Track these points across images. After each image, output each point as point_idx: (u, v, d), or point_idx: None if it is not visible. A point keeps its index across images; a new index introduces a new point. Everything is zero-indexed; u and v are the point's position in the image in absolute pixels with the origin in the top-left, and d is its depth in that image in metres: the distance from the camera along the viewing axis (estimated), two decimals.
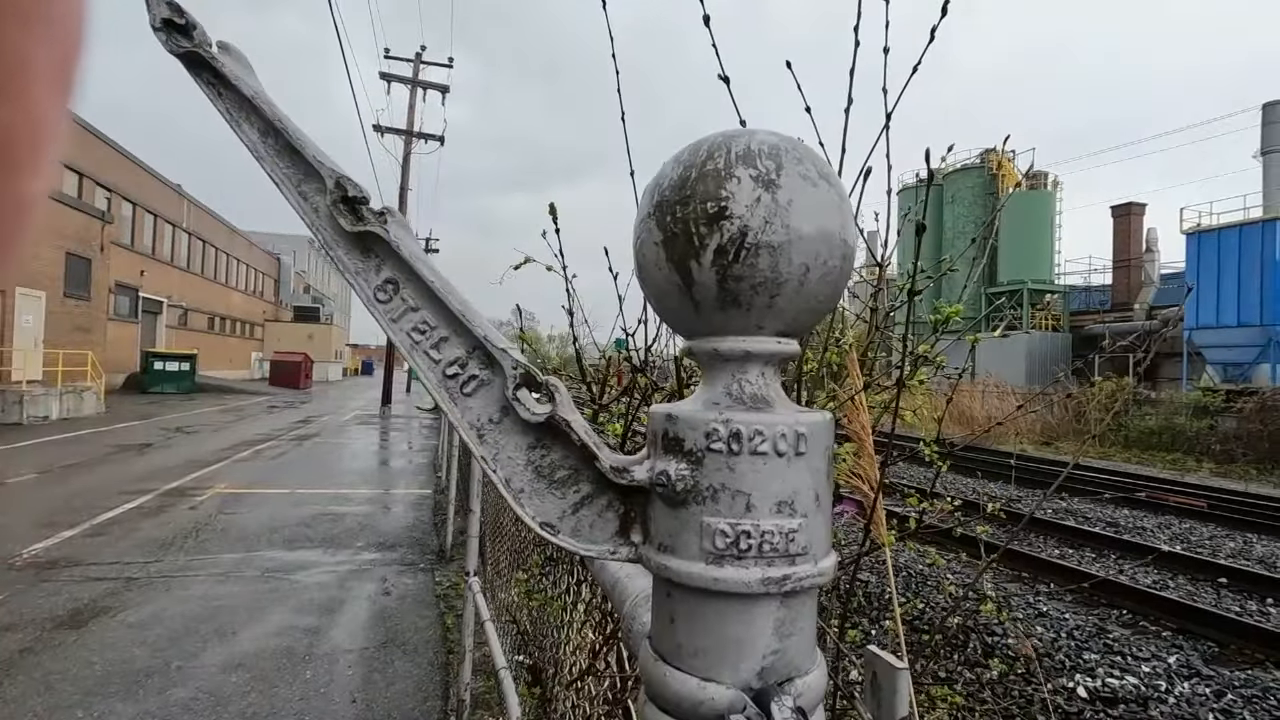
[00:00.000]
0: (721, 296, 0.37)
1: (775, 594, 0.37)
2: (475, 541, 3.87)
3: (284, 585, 5.74)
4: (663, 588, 0.39)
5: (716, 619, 0.37)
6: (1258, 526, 9.32)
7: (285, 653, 4.42)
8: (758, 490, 0.37)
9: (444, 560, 6.64)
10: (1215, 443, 17.38)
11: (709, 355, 0.40)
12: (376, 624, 5.01)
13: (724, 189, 0.36)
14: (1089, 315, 33.24)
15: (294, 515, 8.13)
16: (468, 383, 0.42)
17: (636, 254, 0.41)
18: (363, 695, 3.92)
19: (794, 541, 0.37)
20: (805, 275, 0.37)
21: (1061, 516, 9.77)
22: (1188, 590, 6.55)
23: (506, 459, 0.41)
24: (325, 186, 0.41)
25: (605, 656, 0.93)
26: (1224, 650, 5.19)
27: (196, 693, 3.85)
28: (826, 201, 0.37)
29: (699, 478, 0.37)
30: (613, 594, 0.63)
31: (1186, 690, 4.48)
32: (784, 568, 0.37)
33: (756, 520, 0.37)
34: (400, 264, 0.42)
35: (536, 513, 0.41)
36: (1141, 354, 27.58)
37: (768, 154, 0.36)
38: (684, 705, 0.36)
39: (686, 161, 0.38)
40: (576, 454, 0.41)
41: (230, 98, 0.42)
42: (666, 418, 0.39)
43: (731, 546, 0.37)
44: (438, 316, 0.42)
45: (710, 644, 0.37)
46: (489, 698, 3.96)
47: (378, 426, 19.46)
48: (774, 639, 0.37)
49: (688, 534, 0.38)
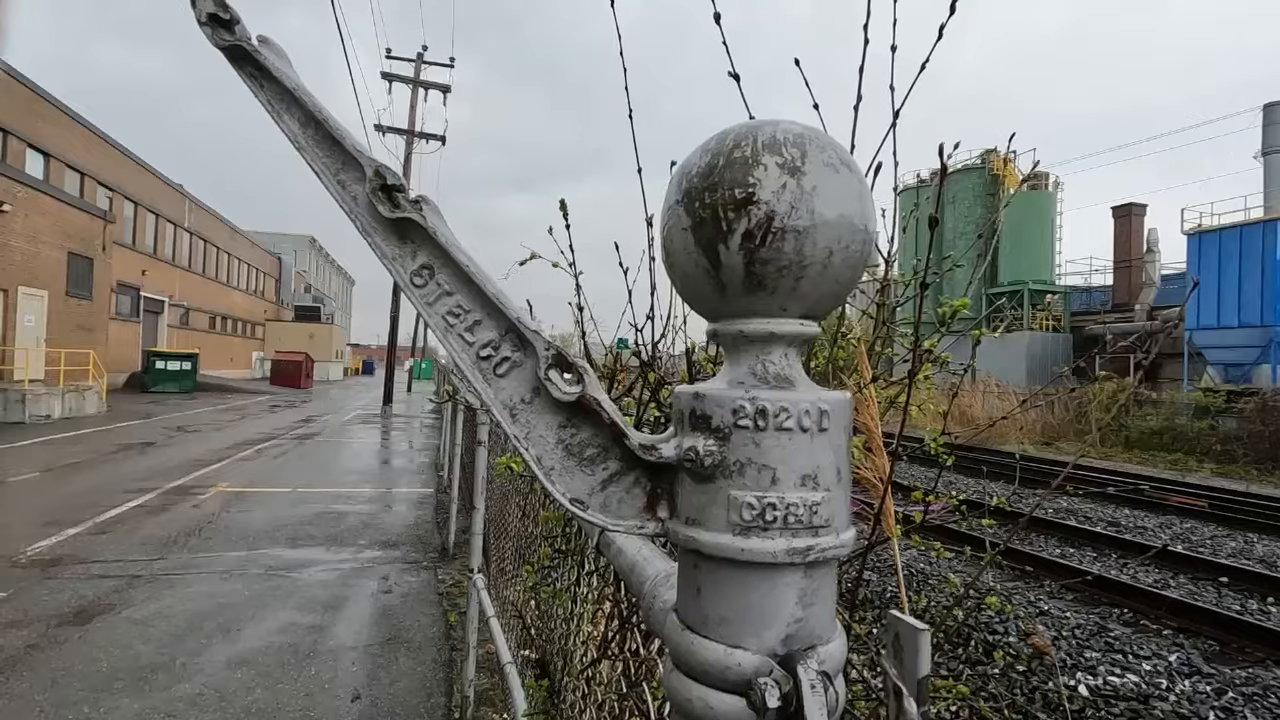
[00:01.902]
0: (748, 280, 0.39)
1: (799, 564, 0.38)
2: (479, 539, 3.89)
3: (287, 583, 5.76)
4: (690, 560, 0.41)
5: (742, 588, 0.38)
6: (1259, 526, 9.32)
7: (289, 649, 4.43)
8: (783, 465, 0.39)
9: (446, 558, 6.65)
10: (1216, 443, 17.37)
11: (734, 336, 0.41)
12: (380, 621, 5.03)
13: (751, 175, 0.37)
14: (1090, 316, 33.24)
15: (296, 514, 8.15)
16: (501, 364, 0.44)
17: (664, 239, 0.43)
18: (367, 692, 3.94)
19: (817, 514, 0.39)
20: (829, 259, 0.38)
21: (1063, 516, 9.78)
22: (1189, 589, 6.56)
23: (538, 437, 0.43)
24: (364, 175, 0.43)
25: (618, 641, 0.95)
26: (1225, 649, 5.20)
27: (202, 689, 3.87)
28: (849, 188, 0.39)
29: (726, 453, 0.39)
30: (630, 576, 0.65)
31: (1187, 688, 4.49)
32: (808, 539, 0.38)
33: (781, 493, 0.38)
34: (436, 249, 0.44)
35: (567, 489, 0.43)
36: (1143, 355, 27.59)
37: (793, 142, 0.38)
38: (711, 672, 0.38)
39: (714, 150, 0.39)
40: (606, 433, 0.43)
41: (272, 90, 0.44)
42: (694, 396, 0.41)
43: (758, 519, 0.38)
44: (472, 300, 0.44)
45: (736, 613, 0.39)
46: (492, 694, 3.97)
47: (379, 426, 19.47)
48: (798, 607, 0.38)
49: (715, 507, 0.39)
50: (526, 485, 2.00)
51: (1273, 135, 28.31)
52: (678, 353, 1.64)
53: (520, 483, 2.15)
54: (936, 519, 7.26)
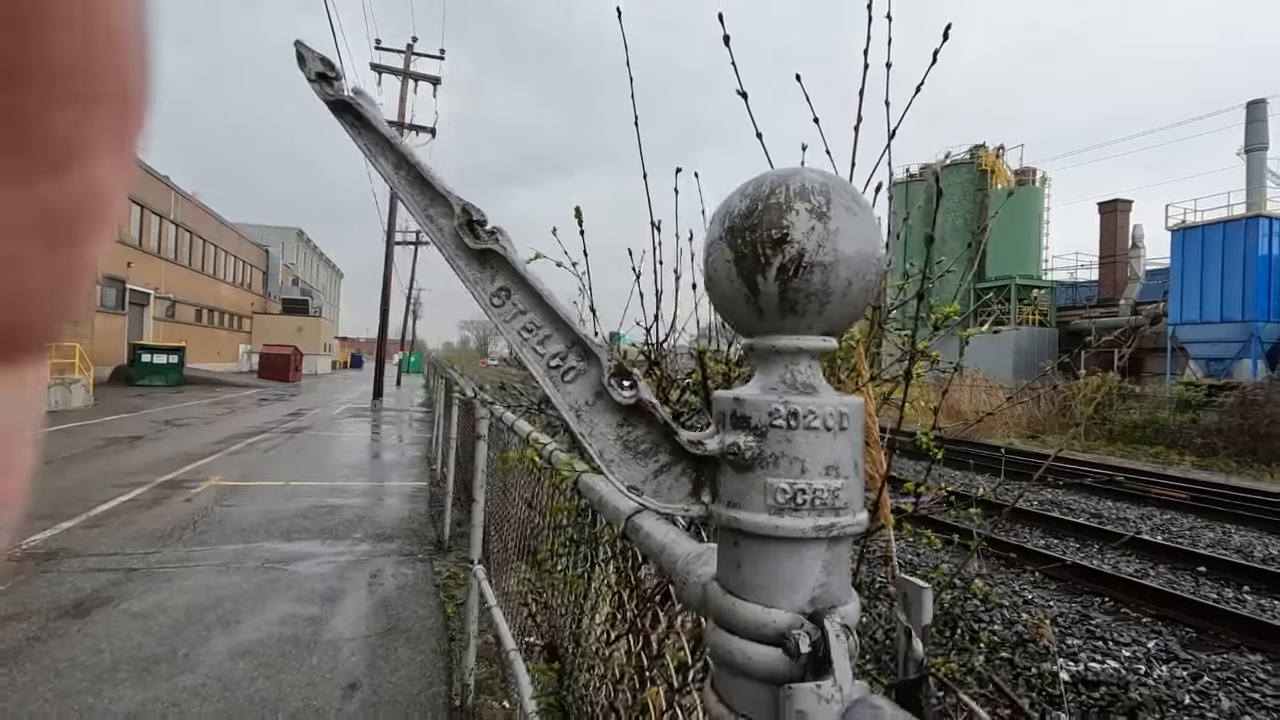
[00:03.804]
0: (781, 304, 0.47)
1: (824, 539, 0.46)
2: (479, 531, 3.96)
3: (284, 576, 5.81)
4: (730, 537, 0.49)
5: (776, 559, 0.46)
6: (1237, 518, 9.56)
7: (290, 640, 4.49)
8: (810, 457, 0.46)
9: (442, 551, 6.71)
10: (1197, 436, 17.72)
11: (768, 350, 0.49)
12: (378, 613, 5.10)
13: (785, 219, 0.45)
14: (1075, 310, 33.66)
15: (290, 507, 8.18)
16: (568, 372, 0.51)
17: (707, 267, 0.50)
18: (368, 681, 4.01)
19: (838, 498, 0.47)
20: (848, 288, 0.46)
21: (1048, 508, 9.98)
22: (1168, 579, 6.75)
23: (599, 434, 0.51)
24: (452, 211, 0.50)
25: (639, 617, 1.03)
26: (1202, 635, 5.37)
27: (205, 679, 3.93)
28: (865, 227, 0.46)
29: (763, 447, 0.47)
30: (661, 557, 0.73)
31: (1165, 673, 4.65)
32: (831, 518, 0.46)
33: (809, 480, 0.46)
34: (512, 274, 0.51)
35: (624, 478, 0.50)
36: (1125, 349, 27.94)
37: (819, 190, 0.46)
38: (750, 628, 0.46)
39: (752, 194, 0.47)
40: (658, 430, 0.50)
41: (369, 136, 0.51)
42: (734, 400, 0.49)
43: (789, 501, 0.46)
44: (543, 318, 0.52)
45: (771, 580, 0.46)
46: (491, 683, 4.06)
47: (369, 420, 19.45)
48: (822, 574, 0.46)
49: (753, 492, 0.47)
50: (534, 479, 2.08)
51: (1255, 132, 28.70)
52: (681, 349, 1.72)
53: (527, 476, 2.22)
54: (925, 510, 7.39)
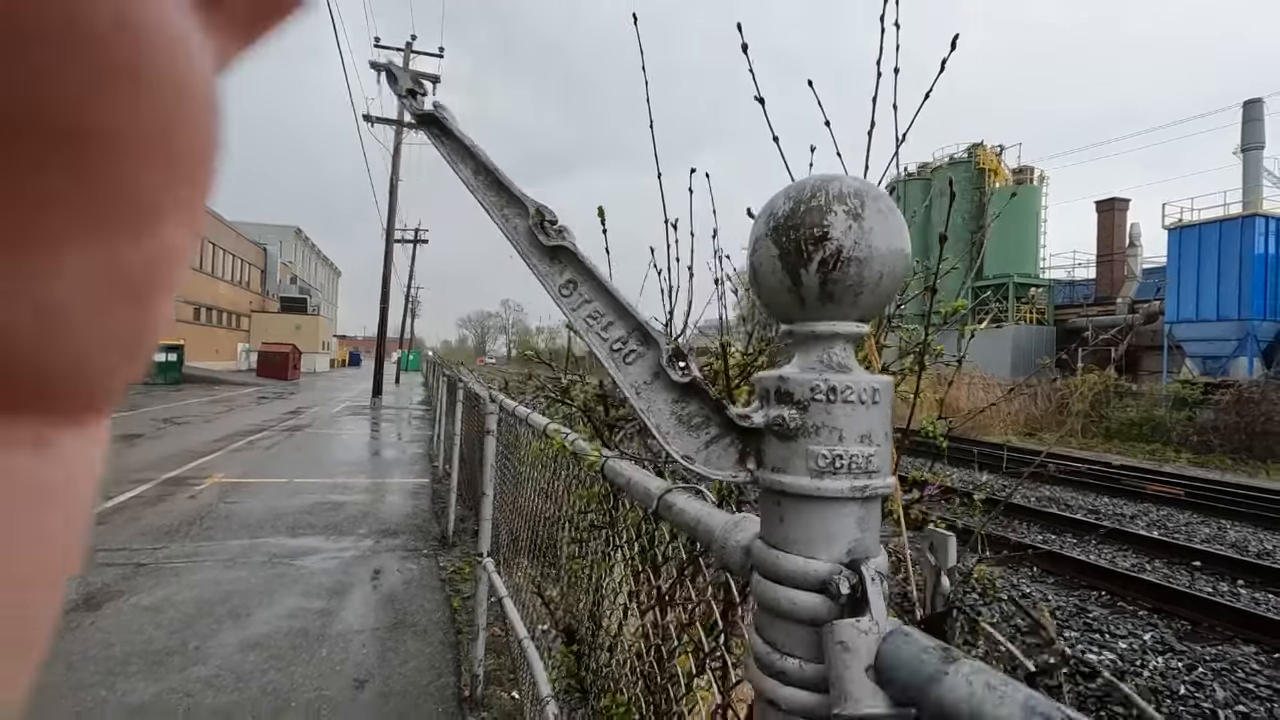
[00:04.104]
0: (821, 294, 0.53)
1: (858, 498, 0.53)
2: (488, 524, 4.03)
3: (291, 570, 5.87)
4: (773, 499, 0.55)
5: (817, 517, 0.53)
6: (1232, 513, 9.66)
7: (299, 633, 4.56)
8: (847, 427, 0.53)
9: (446, 546, 6.78)
10: (1193, 434, 17.83)
11: (807, 334, 0.56)
12: (385, 606, 5.16)
13: (825, 219, 0.51)
14: (1073, 309, 33.76)
15: (294, 504, 8.24)
16: (629, 355, 0.57)
17: (752, 261, 0.57)
18: (379, 672, 4.08)
19: (871, 463, 0.53)
20: (880, 280, 0.53)
21: (1045, 504, 10.07)
22: (1164, 573, 6.83)
23: (657, 409, 0.57)
24: (527, 212, 0.57)
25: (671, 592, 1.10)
26: (1197, 628, 5.46)
27: (217, 671, 3.99)
28: (894, 227, 0.53)
29: (805, 419, 0.53)
30: (697, 528, 0.79)
31: (1160, 664, 4.73)
32: (865, 480, 0.53)
33: (846, 448, 0.53)
34: (580, 268, 0.58)
35: (679, 448, 0.57)
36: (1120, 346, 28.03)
37: (854, 194, 0.52)
38: (794, 576, 0.53)
39: (795, 198, 0.53)
40: (710, 406, 0.57)
41: (451, 145, 0.58)
42: (778, 379, 0.55)
43: (829, 466, 0.53)
44: (606, 306, 0.58)
45: (812, 535, 0.53)
46: (500, 674, 4.13)
47: (369, 418, 19.51)
48: (857, 530, 0.53)
49: (796, 459, 0.54)
50: (550, 470, 2.15)
51: (1252, 132, 28.78)
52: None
53: (542, 468, 2.29)
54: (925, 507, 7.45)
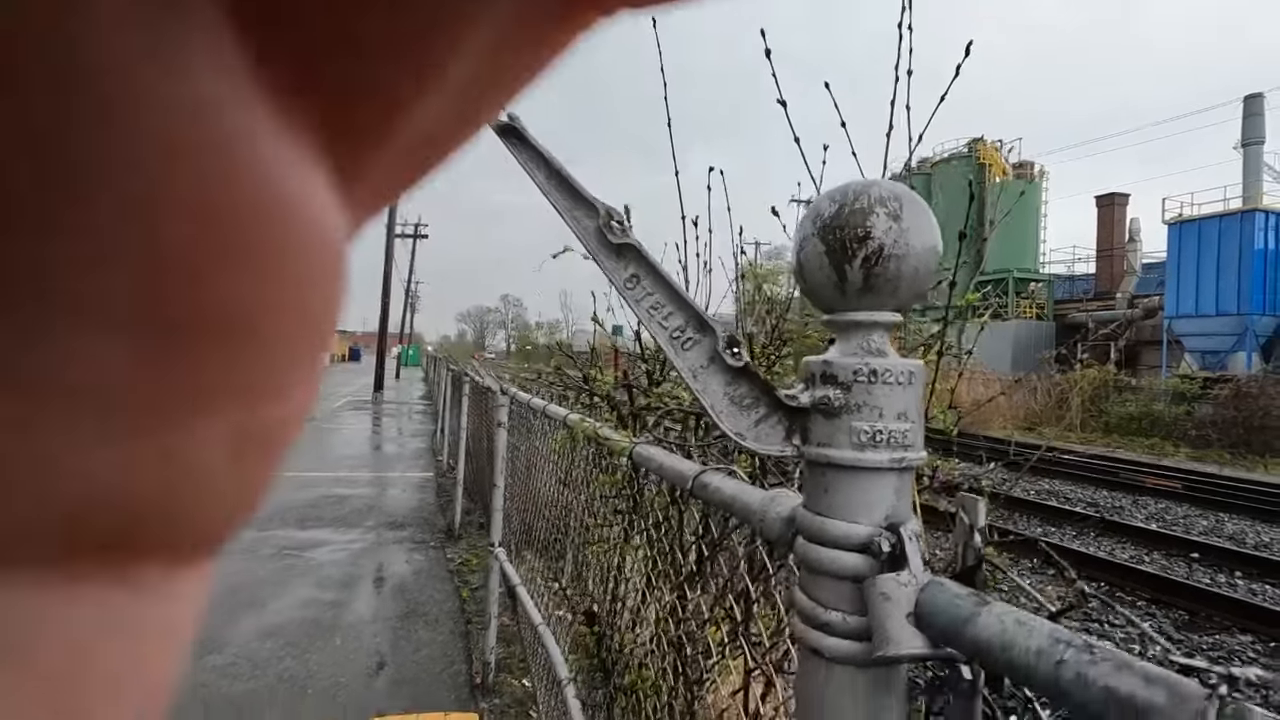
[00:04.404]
0: (864, 287, 0.59)
1: (896, 469, 0.59)
2: (499, 515, 4.10)
3: (301, 562, 5.95)
4: (818, 471, 0.62)
5: (859, 486, 0.59)
6: (1229, 506, 9.75)
7: (313, 623, 4.63)
8: (886, 406, 0.59)
9: (453, 539, 6.85)
10: (1191, 428, 17.91)
11: (848, 323, 0.62)
12: (395, 597, 5.24)
13: (869, 220, 0.58)
14: (1072, 304, 33.80)
15: (301, 497, 8.31)
16: (687, 342, 0.64)
17: (799, 257, 0.63)
18: (392, 660, 4.16)
19: (907, 437, 0.60)
20: (916, 274, 0.59)
21: (1045, 497, 10.16)
22: (1163, 565, 6.92)
23: (711, 391, 0.63)
24: (596, 213, 0.63)
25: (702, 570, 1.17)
26: (1195, 618, 5.54)
27: (234, 658, 4.07)
28: (928, 226, 0.59)
29: (849, 398, 0.60)
30: (734, 505, 0.86)
31: (1157, 653, 4.82)
32: (902, 452, 0.59)
33: (886, 424, 0.59)
34: (642, 263, 0.64)
35: (731, 426, 0.63)
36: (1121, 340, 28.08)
37: (893, 198, 0.58)
38: (839, 539, 0.59)
39: (839, 200, 0.60)
40: (760, 387, 0.63)
41: (527, 153, 0.64)
42: (823, 363, 0.61)
43: (870, 440, 0.59)
44: (666, 298, 0.64)
45: (854, 502, 0.60)
46: (510, 662, 4.20)
47: (371, 412, 19.58)
48: (894, 497, 0.59)
49: (840, 434, 0.60)
50: (567, 459, 2.21)
51: (1252, 127, 28.78)
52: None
53: (559, 458, 2.35)
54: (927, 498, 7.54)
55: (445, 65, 0.12)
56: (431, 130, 0.13)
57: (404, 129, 0.13)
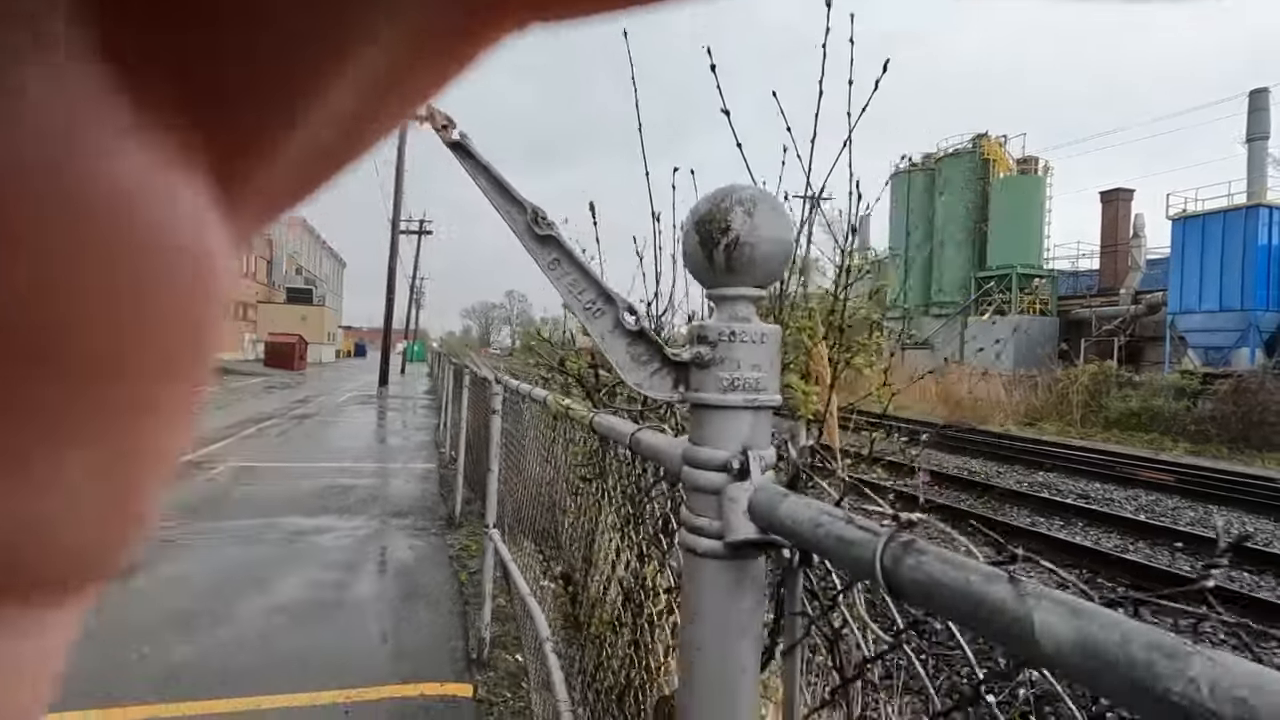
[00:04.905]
0: (727, 268, 0.77)
1: (750, 408, 0.77)
2: (494, 498, 4.29)
3: (307, 546, 6.17)
4: (696, 410, 0.80)
5: (721, 421, 0.77)
6: (1219, 498, 9.88)
7: (318, 602, 4.85)
8: (744, 359, 0.77)
9: (453, 526, 7.05)
10: (1190, 423, 17.97)
11: (720, 296, 0.80)
12: (398, 579, 5.45)
13: (729, 216, 0.75)
14: (1076, 299, 33.75)
15: (307, 486, 8.53)
16: (597, 312, 0.82)
17: (684, 245, 0.81)
18: (394, 636, 4.36)
19: (759, 383, 0.77)
20: (767, 258, 0.76)
21: (1037, 489, 10.30)
22: (1146, 554, 7.07)
23: (616, 349, 0.81)
24: (525, 211, 0.81)
25: (639, 509, 1.35)
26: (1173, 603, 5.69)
27: (244, 633, 4.28)
28: (779, 223, 0.77)
29: (715, 354, 0.77)
30: (658, 455, 1.04)
31: None
32: (754, 395, 0.77)
33: (743, 373, 0.77)
34: (561, 250, 0.82)
35: (633, 378, 0.81)
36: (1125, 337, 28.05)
37: (749, 200, 0.76)
38: (706, 462, 0.77)
39: (711, 201, 0.77)
40: (653, 347, 0.81)
41: (472, 164, 0.81)
42: (699, 327, 0.79)
43: (730, 385, 0.77)
44: (580, 277, 0.82)
45: (718, 433, 0.77)
46: (504, 640, 4.40)
47: (376, 406, 19.81)
48: (749, 430, 0.77)
49: (709, 381, 0.78)
50: (550, 439, 2.40)
51: (1257, 121, 28.67)
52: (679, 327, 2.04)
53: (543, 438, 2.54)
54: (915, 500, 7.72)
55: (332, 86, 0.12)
56: (329, 142, 0.13)
57: (297, 143, 0.12)
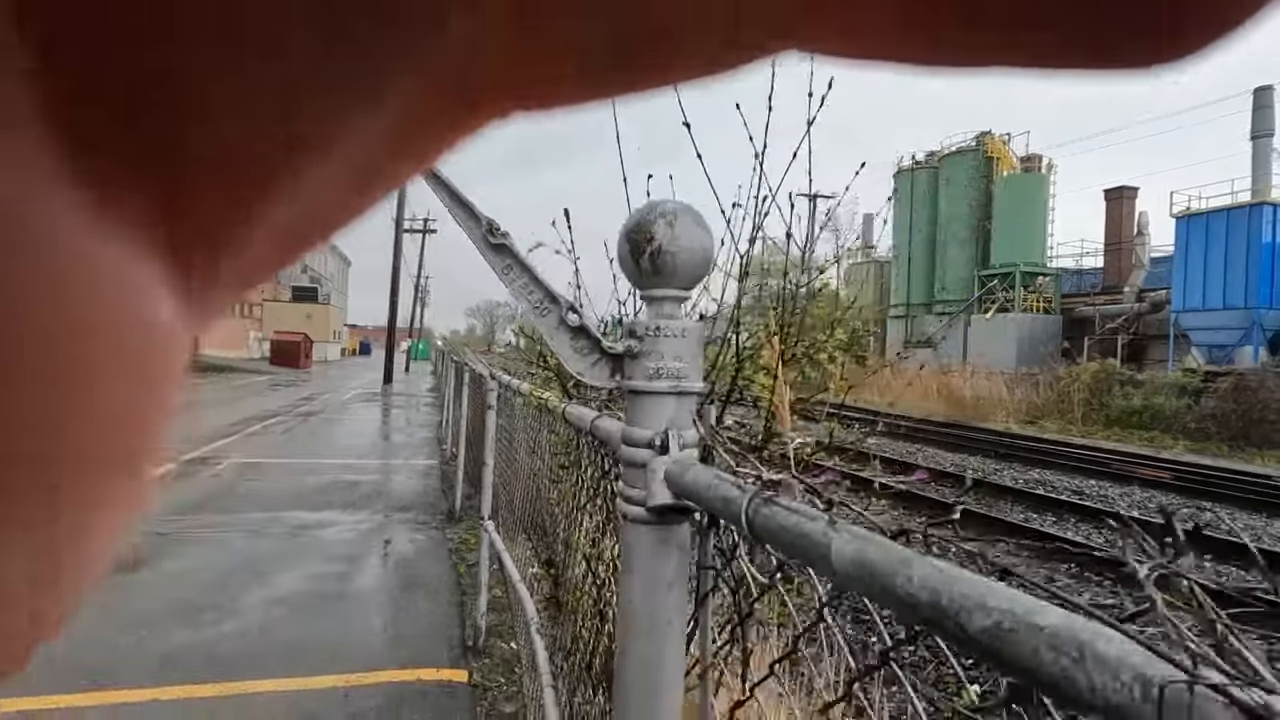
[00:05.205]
0: (653, 272, 0.89)
1: (674, 393, 0.89)
2: (489, 491, 4.43)
3: (310, 540, 6.31)
4: (629, 396, 0.92)
5: (649, 405, 0.89)
6: (1213, 495, 9.95)
7: (319, 594, 4.98)
8: (668, 351, 0.89)
9: (453, 521, 7.19)
10: (1191, 421, 17.98)
11: (649, 296, 0.92)
12: (398, 571, 5.59)
13: (653, 228, 0.87)
14: (1080, 298, 33.68)
15: (311, 482, 8.68)
16: (545, 311, 0.94)
17: (619, 251, 0.93)
18: (393, 625, 4.50)
19: (681, 372, 0.89)
20: (688, 263, 0.88)
21: (1033, 486, 10.38)
22: None
23: (561, 343, 0.93)
24: (480, 222, 0.93)
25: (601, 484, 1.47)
26: None
27: (247, 624, 4.42)
28: (697, 232, 0.89)
29: (644, 346, 0.89)
30: (611, 438, 1.16)
31: None
32: (678, 382, 0.89)
33: (667, 363, 0.89)
34: (513, 256, 0.94)
35: (575, 369, 0.93)
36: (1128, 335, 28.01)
37: (671, 213, 0.88)
38: (636, 440, 0.89)
39: (639, 215, 0.89)
40: (592, 341, 0.93)
41: (435, 183, 0.94)
42: (631, 322, 0.91)
43: (656, 374, 0.89)
44: (529, 280, 0.94)
45: (646, 416, 0.89)
46: (500, 629, 4.53)
47: (380, 404, 19.99)
48: (673, 413, 0.89)
49: (639, 370, 0.90)
50: (536, 432, 2.52)
51: (1261, 119, 28.54)
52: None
53: (530, 431, 2.66)
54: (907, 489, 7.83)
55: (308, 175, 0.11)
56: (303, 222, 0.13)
57: (267, 224, 0.12)
